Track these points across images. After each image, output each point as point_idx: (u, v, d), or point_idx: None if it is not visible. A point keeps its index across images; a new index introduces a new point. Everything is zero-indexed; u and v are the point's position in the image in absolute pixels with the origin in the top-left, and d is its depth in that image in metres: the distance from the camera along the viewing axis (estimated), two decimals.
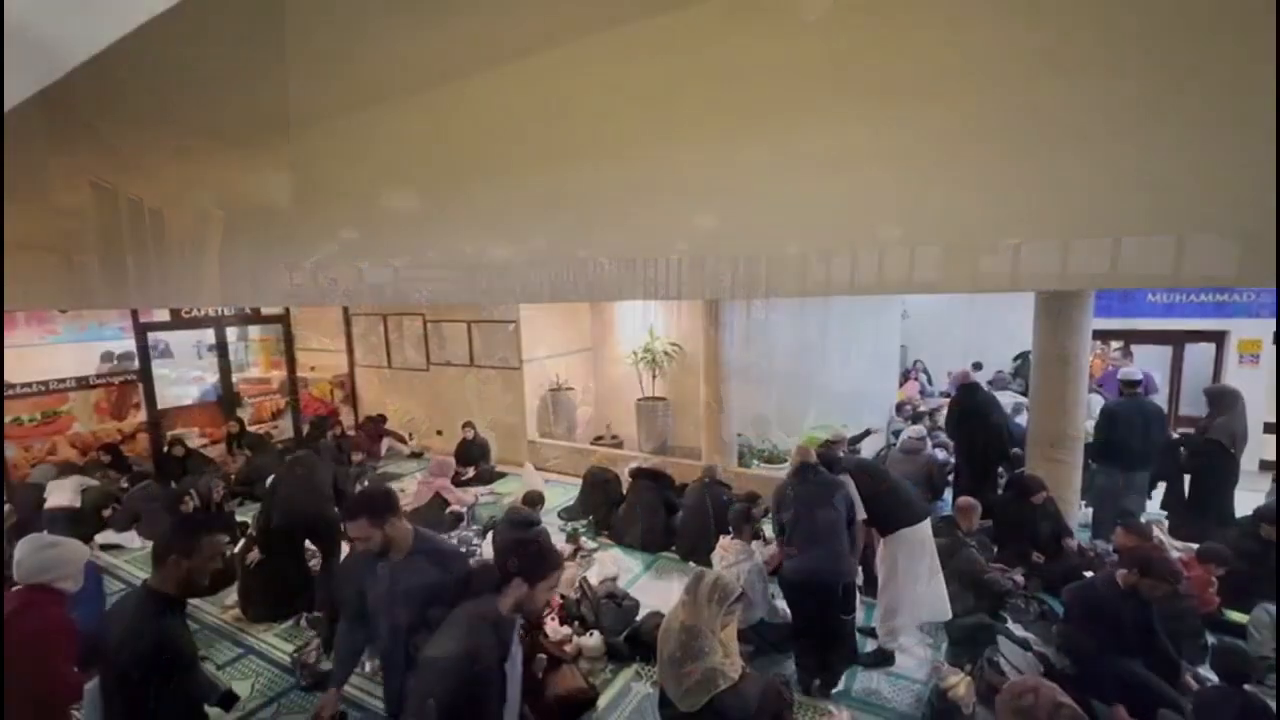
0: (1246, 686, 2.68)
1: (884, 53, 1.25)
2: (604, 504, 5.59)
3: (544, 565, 2.05)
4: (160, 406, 7.30)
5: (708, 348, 6.30)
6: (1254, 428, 7.82)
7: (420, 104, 2.00)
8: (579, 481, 6.04)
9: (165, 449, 6.86)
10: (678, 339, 7.29)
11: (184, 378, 8.28)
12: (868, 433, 6.42)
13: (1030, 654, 3.33)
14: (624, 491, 5.60)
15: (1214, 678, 3.25)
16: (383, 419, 8.18)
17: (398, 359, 8.88)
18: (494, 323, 7.80)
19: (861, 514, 3.48)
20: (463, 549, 5.22)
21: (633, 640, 3.77)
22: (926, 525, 3.59)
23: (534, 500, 4.54)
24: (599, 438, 7.84)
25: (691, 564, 4.85)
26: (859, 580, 3.87)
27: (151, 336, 7.38)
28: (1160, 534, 4.72)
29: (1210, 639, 3.58)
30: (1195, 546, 4.07)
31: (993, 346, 10.02)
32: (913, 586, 3.52)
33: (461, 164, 1.96)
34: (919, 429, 5.83)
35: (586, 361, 8.67)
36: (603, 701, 3.34)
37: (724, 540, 3.87)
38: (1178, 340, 8.74)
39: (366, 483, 6.13)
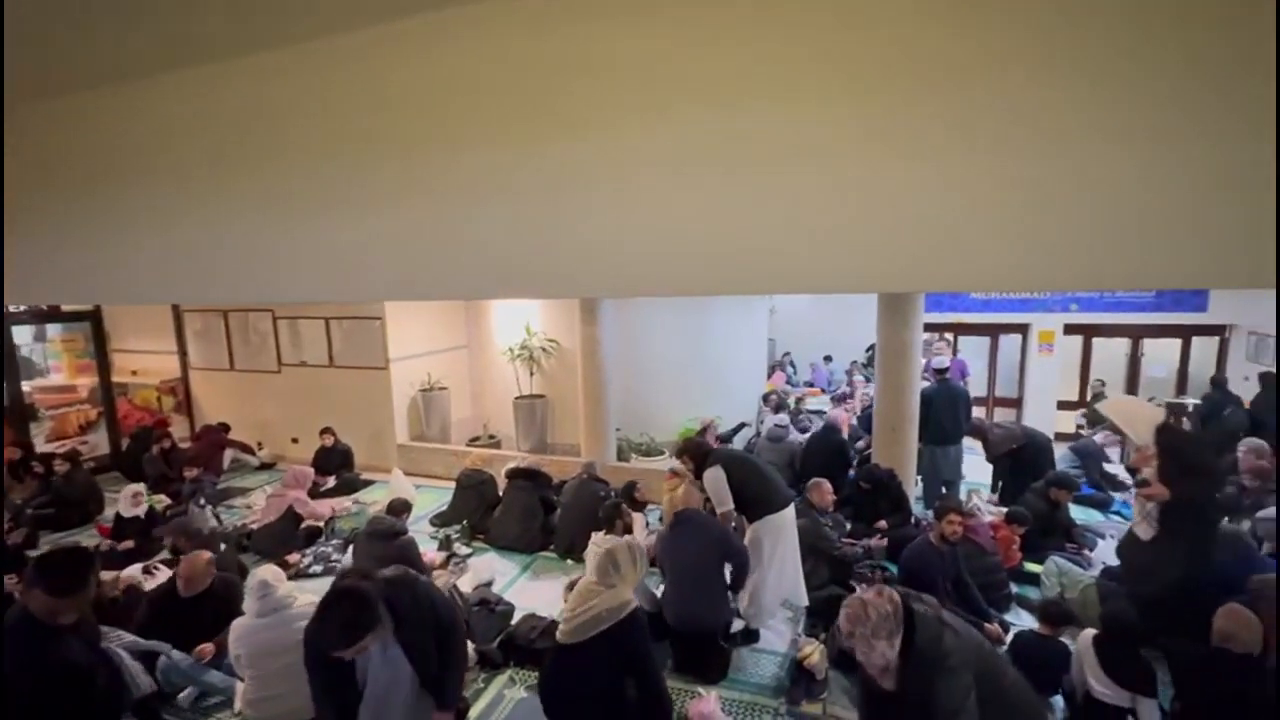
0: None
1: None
2: (479, 507, 5.40)
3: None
4: None
5: (585, 344, 6.29)
6: (1049, 405, 9.25)
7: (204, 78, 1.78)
8: (453, 485, 5.78)
9: None
10: (555, 335, 7.21)
11: None
12: (741, 427, 6.76)
13: None
14: (500, 493, 5.44)
15: (1017, 623, 3.81)
16: (225, 427, 7.30)
17: (243, 360, 7.97)
18: (356, 319, 7.24)
19: (735, 526, 3.67)
20: (321, 566, 4.82)
21: (506, 646, 3.67)
22: (790, 511, 3.81)
23: (399, 508, 4.27)
24: (475, 438, 7.57)
25: (569, 562, 4.83)
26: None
27: None
28: (979, 501, 5.43)
29: (1014, 589, 4.16)
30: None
31: (847, 339, 10.96)
32: (776, 570, 3.73)
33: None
34: (782, 417, 6.23)
35: (461, 359, 8.32)
36: (474, 712, 3.23)
37: (596, 536, 3.88)
38: (994, 332, 10.09)
39: (202, 501, 5.43)
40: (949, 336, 9.78)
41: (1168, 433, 3.46)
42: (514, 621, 3.88)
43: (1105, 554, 4.51)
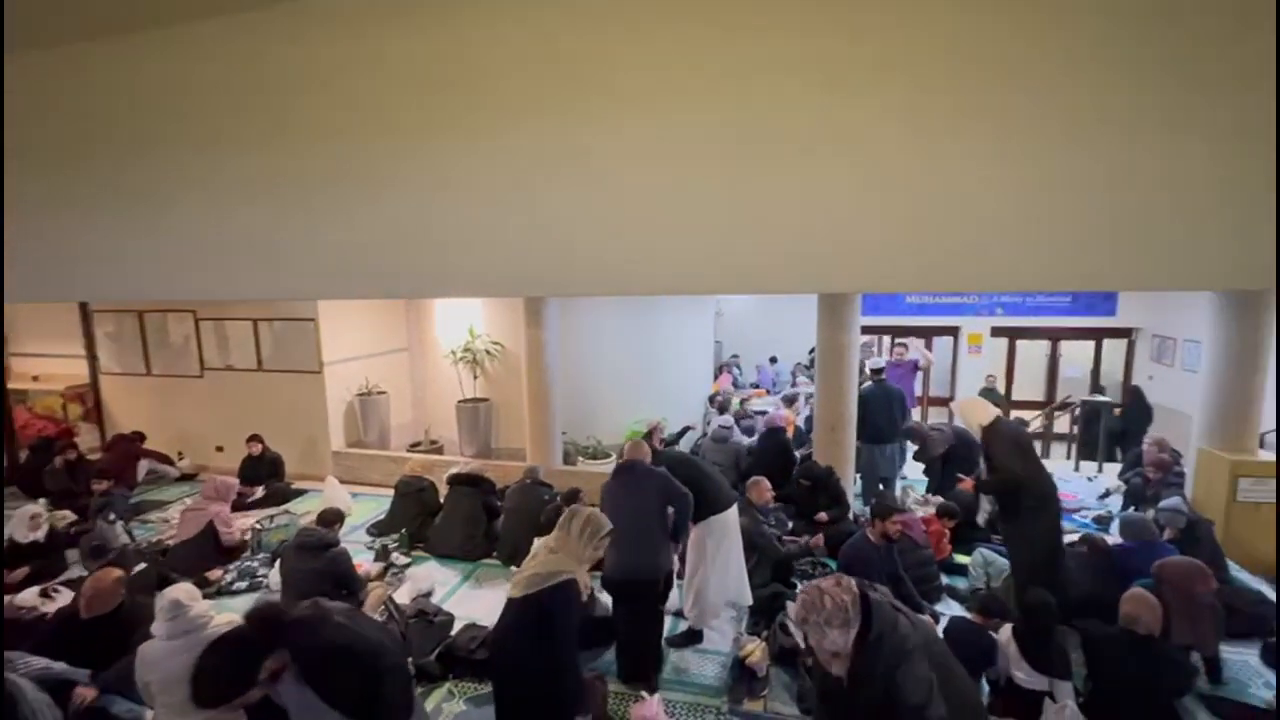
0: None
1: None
2: (419, 515, 5.22)
3: None
4: None
5: (530, 346, 6.19)
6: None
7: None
8: (392, 493, 5.57)
9: None
10: (499, 337, 7.07)
11: None
12: (686, 430, 6.79)
13: None
14: (441, 500, 5.28)
15: (947, 613, 3.97)
16: (139, 437, 6.80)
17: (162, 364, 7.45)
18: (287, 320, 6.89)
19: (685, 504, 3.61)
20: (246, 582, 4.55)
21: (445, 658, 3.55)
22: (734, 511, 3.83)
23: (331, 519, 4.06)
24: (416, 444, 7.33)
25: (513, 569, 4.72)
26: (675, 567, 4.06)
27: None
28: (913, 497, 5.64)
29: (944, 580, 4.34)
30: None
31: (791, 342, 11.23)
32: (720, 570, 3.75)
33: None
34: (727, 418, 6.30)
35: (402, 362, 8.05)
36: None
37: (539, 540, 3.79)
38: (928, 334, 10.54)
39: (112, 516, 5.04)
40: (905, 341, 10.15)
41: (988, 431, 3.73)
42: (453, 632, 3.76)
43: None
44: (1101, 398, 7.87)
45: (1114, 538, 4.43)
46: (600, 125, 1.36)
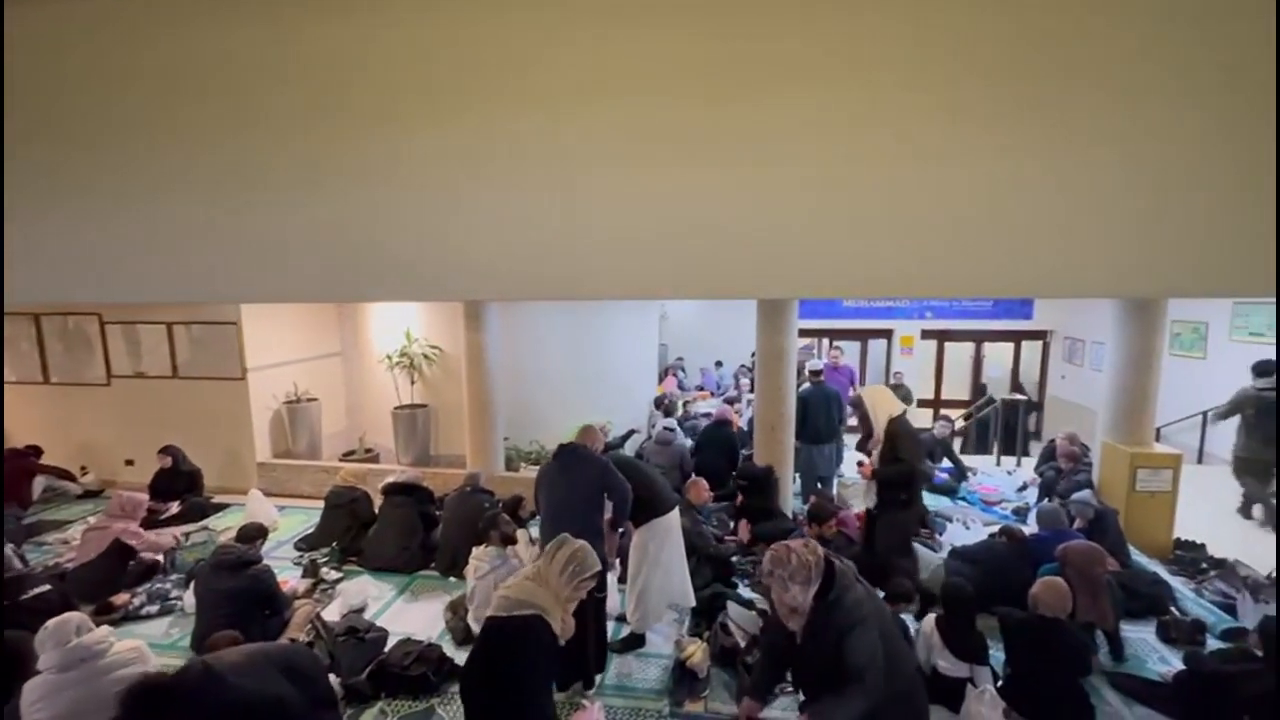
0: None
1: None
2: (351, 527, 5.00)
3: None
4: None
5: (470, 350, 6.04)
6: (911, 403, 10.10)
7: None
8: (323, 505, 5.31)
9: None
10: (438, 341, 6.87)
11: None
12: (631, 434, 6.79)
13: (753, 611, 3.81)
14: (376, 511, 5.08)
15: None
16: (35, 451, 6.23)
17: (62, 371, 6.86)
18: (207, 324, 6.47)
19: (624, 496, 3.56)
20: (158, 605, 4.23)
21: (378, 676, 3.40)
22: (675, 514, 3.85)
23: (252, 534, 3.84)
24: (349, 453, 7.02)
25: (452, 579, 4.59)
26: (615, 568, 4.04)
27: None
28: (847, 494, 5.83)
29: None
30: None
31: (733, 344, 11.44)
32: (663, 573, 3.75)
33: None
34: (670, 421, 6.34)
35: (335, 367, 7.72)
36: None
37: (476, 550, 3.71)
38: (863, 337, 10.95)
39: None
40: (840, 345, 10.50)
41: (893, 424, 3.99)
42: (387, 648, 3.61)
43: (953, 536, 5.01)
44: (1020, 395, 8.38)
45: (1030, 527, 4.72)
46: (541, 125, 1.33)
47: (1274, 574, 4.07)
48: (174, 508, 5.73)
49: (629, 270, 1.40)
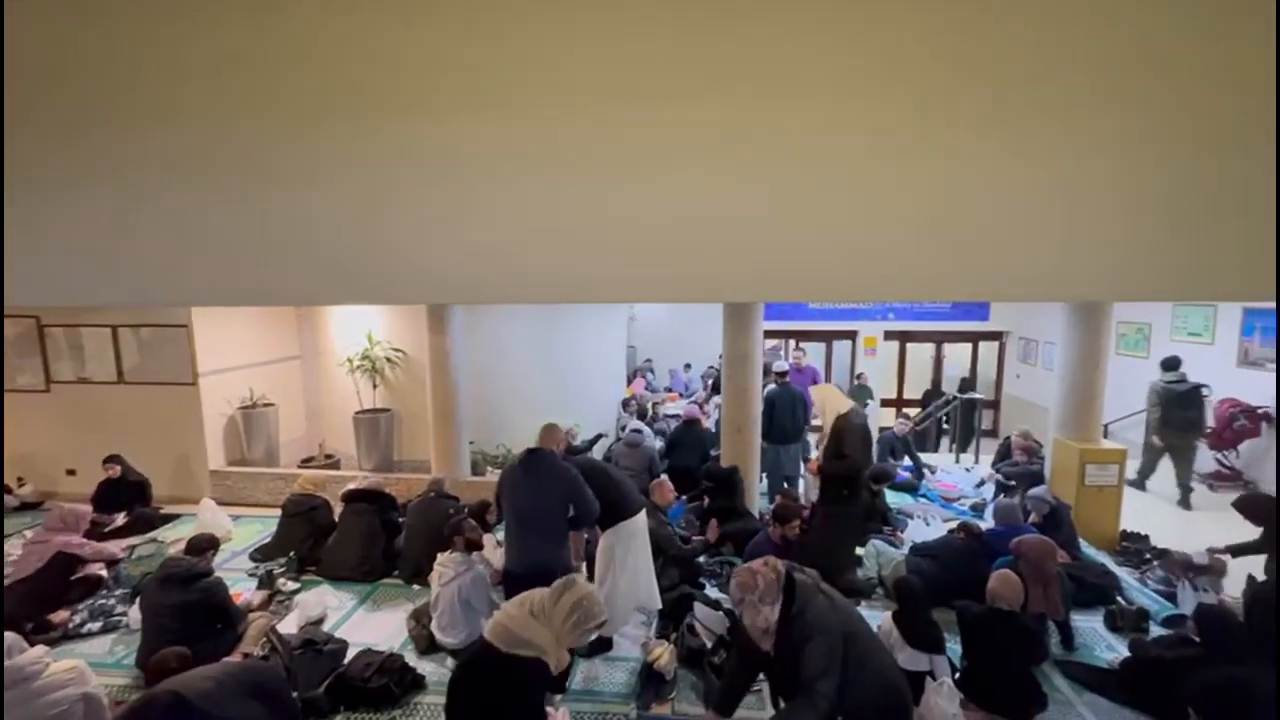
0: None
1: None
2: (309, 536, 4.85)
3: None
4: None
5: (433, 353, 5.94)
6: (874, 402, 10.34)
7: None
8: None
9: None
10: (401, 344, 6.73)
11: None
12: (599, 438, 6.75)
13: (720, 612, 3.83)
14: (336, 519, 4.94)
15: None
16: None
17: None
18: (155, 327, 6.21)
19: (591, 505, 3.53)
20: (100, 622, 4.04)
21: (336, 689, 3.31)
22: (642, 516, 3.83)
23: (202, 546, 3.68)
24: (309, 459, 6.83)
25: (415, 587, 4.50)
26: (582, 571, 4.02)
27: None
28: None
29: None
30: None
31: (703, 346, 11.51)
32: (630, 577, 3.74)
33: None
34: (638, 423, 6.34)
35: (293, 371, 7.49)
36: None
37: (441, 556, 3.64)
38: (828, 338, 11.15)
39: None
40: (804, 346, 10.65)
41: (840, 420, 4.12)
42: (346, 660, 3.52)
43: (914, 533, 5.13)
44: (975, 394, 8.63)
45: (988, 523, 4.86)
46: (508, 129, 1.30)
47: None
48: (119, 519, 5.48)
49: (597, 274, 1.38)
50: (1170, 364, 6.09)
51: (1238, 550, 4.02)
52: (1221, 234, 1.16)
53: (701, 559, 4.59)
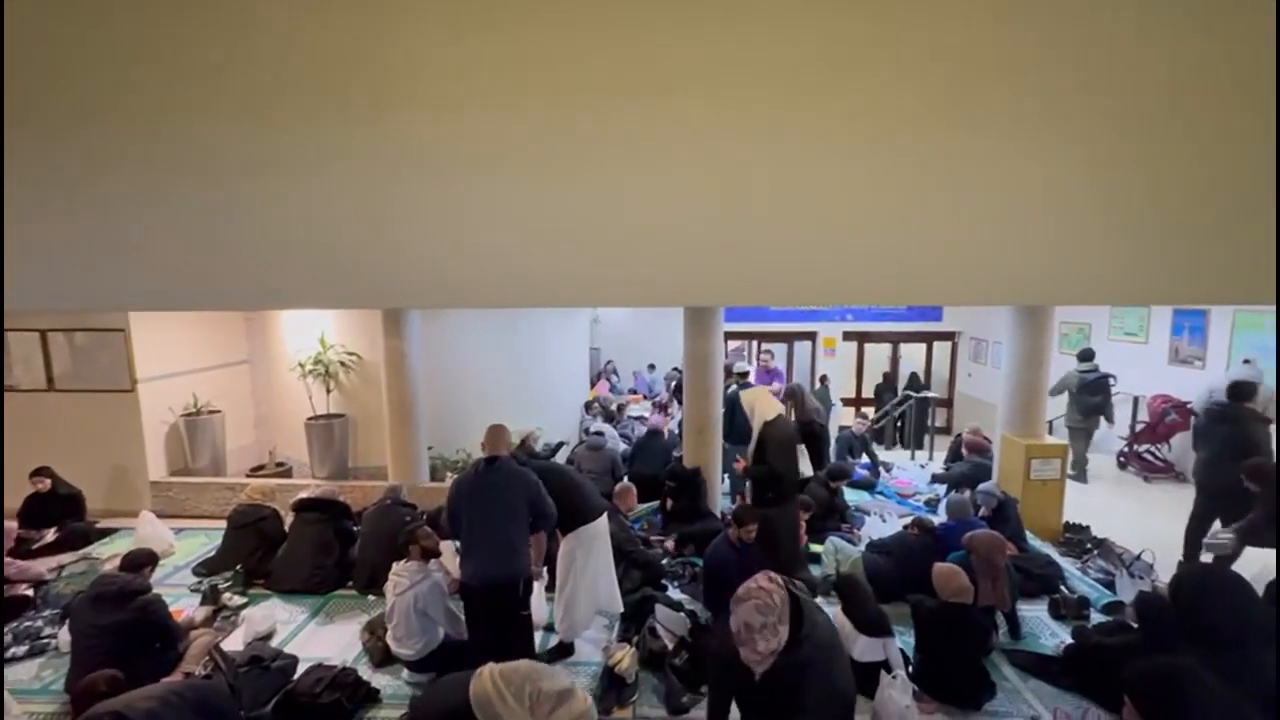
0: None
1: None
2: (258, 548, 4.66)
3: None
4: None
5: (389, 356, 5.79)
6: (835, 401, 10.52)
7: None
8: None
9: None
10: (355, 347, 6.54)
11: None
12: (560, 446, 6.68)
13: (681, 614, 3.84)
14: (286, 529, 4.76)
15: None
16: None
17: None
18: (89, 331, 5.88)
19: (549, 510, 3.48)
20: (26, 646, 3.79)
21: (285, 707, 3.18)
22: (603, 520, 3.80)
23: (140, 562, 3.50)
24: (259, 467, 6.57)
25: (370, 597, 4.37)
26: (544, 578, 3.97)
27: None
28: None
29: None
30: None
31: (668, 347, 11.54)
32: (590, 581, 3.71)
33: None
34: (601, 425, 6.32)
35: (241, 376, 7.21)
36: None
37: (396, 565, 3.54)
38: (789, 339, 11.33)
39: None
40: (770, 348, 10.78)
41: (766, 427, 4.21)
42: (296, 676, 3.39)
43: (871, 529, 5.25)
44: (929, 393, 8.90)
45: (941, 517, 5.01)
46: (458, 128, 1.26)
47: (1143, 553, 4.50)
48: (49, 535, 5.15)
49: (564, 278, 1.36)
50: (1085, 355, 6.75)
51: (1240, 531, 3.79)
52: (1221, 237, 1.16)
53: (665, 561, 4.60)
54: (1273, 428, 4.45)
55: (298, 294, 1.46)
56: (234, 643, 3.76)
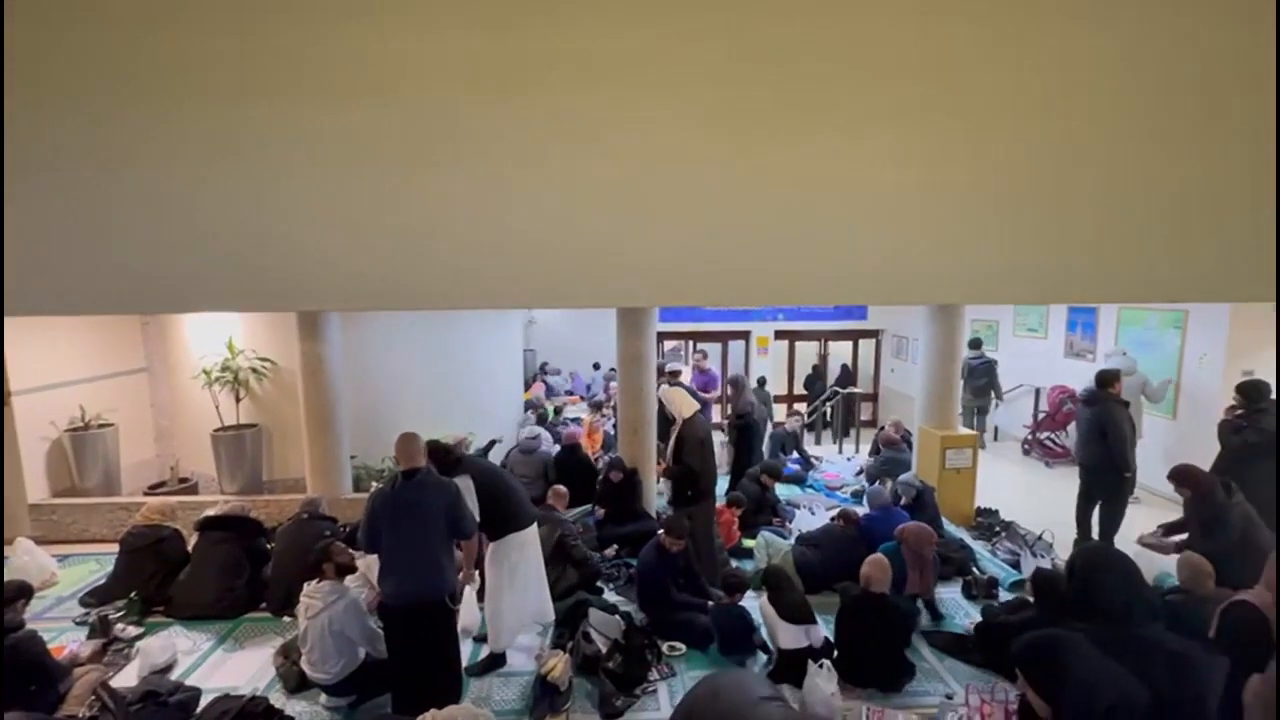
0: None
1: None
2: (156, 573, 4.28)
3: None
4: None
5: (306, 362, 5.46)
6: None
7: None
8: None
9: None
10: (268, 353, 6.14)
11: None
12: (493, 443, 6.53)
13: (615, 616, 3.81)
14: (188, 550, 4.40)
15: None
16: None
17: None
18: None
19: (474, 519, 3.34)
20: None
21: None
22: (534, 529, 3.70)
23: (10, 595, 3.13)
24: (159, 484, 6.06)
25: (286, 619, 4.10)
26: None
27: None
28: None
29: (734, 564, 4.72)
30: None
31: (603, 348, 11.49)
32: (520, 591, 3.60)
33: None
34: (534, 429, 6.21)
35: (139, 385, 6.63)
36: None
37: (308, 586, 3.33)
38: (724, 339, 11.54)
39: None
40: (704, 349, 10.90)
41: (684, 425, 4.33)
42: (199, 710, 3.13)
43: (801, 523, 5.40)
44: (855, 389, 9.28)
45: (864, 508, 5.21)
46: (397, 122, 1.18)
47: (1043, 533, 4.85)
48: None
49: (487, 279, 1.29)
50: (974, 344, 7.67)
51: (1170, 528, 4.01)
52: (1220, 234, 1.17)
53: (602, 563, 4.57)
54: (1132, 410, 4.83)
55: (186, 297, 1.34)
56: (127, 678, 3.44)
